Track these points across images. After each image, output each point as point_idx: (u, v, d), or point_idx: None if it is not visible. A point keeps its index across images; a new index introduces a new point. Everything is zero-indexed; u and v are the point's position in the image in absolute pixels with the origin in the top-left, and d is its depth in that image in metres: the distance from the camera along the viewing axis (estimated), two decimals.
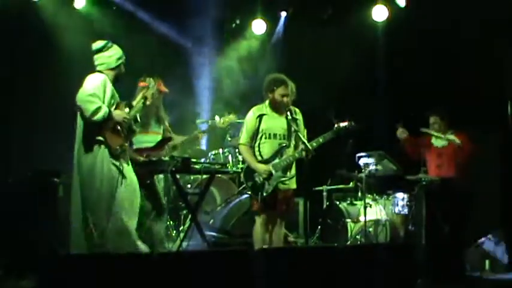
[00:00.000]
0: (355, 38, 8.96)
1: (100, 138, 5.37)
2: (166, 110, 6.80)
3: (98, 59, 5.59)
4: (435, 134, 7.21)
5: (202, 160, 7.45)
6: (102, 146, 5.37)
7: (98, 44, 5.64)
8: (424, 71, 8.55)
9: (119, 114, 5.47)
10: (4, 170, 7.61)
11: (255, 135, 6.18)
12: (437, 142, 7.28)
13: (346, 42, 8.92)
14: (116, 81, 5.60)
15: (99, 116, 5.27)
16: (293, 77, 6.27)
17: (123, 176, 5.44)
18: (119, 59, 5.63)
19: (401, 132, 7.30)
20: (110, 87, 5.48)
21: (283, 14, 9.78)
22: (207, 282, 4.09)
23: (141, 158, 6.26)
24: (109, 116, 5.34)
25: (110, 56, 5.59)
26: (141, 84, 6.26)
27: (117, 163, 5.43)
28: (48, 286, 3.84)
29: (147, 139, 6.49)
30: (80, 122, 5.42)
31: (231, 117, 7.28)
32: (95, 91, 5.33)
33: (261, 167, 6.05)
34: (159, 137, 6.57)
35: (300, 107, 6.31)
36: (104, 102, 5.35)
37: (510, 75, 7.78)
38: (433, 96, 8.27)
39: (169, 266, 4.08)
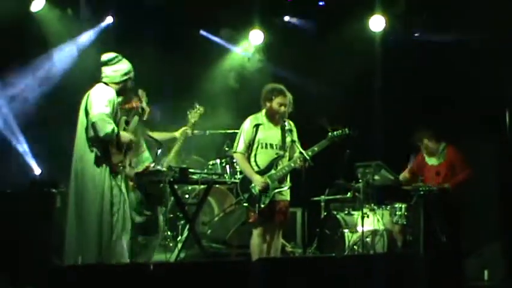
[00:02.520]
0: (352, 48, 8.98)
1: (103, 153, 5.35)
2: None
3: (104, 71, 5.53)
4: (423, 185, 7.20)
5: (200, 170, 7.43)
6: (105, 162, 5.35)
7: (106, 56, 5.59)
8: (421, 79, 8.57)
9: (125, 136, 5.47)
10: (3, 180, 7.59)
11: (251, 145, 6.18)
12: (432, 161, 7.29)
13: (343, 52, 8.94)
14: (118, 96, 5.51)
15: (111, 138, 5.29)
16: (290, 87, 6.28)
17: (121, 193, 5.44)
18: (125, 74, 5.56)
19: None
20: (116, 103, 5.45)
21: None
22: None
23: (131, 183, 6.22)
24: (117, 136, 5.35)
25: (115, 70, 5.52)
26: (134, 104, 6.08)
27: (117, 179, 5.42)
28: None
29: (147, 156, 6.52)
30: (81, 134, 5.39)
31: (200, 109, 7.35)
32: (110, 110, 5.31)
33: (258, 178, 6.04)
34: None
35: (295, 117, 6.31)
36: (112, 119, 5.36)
37: (507, 83, 7.80)
38: (430, 105, 8.29)
39: (166, 276, 4.07)
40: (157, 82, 6.75)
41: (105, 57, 5.60)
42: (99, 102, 5.31)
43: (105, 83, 5.50)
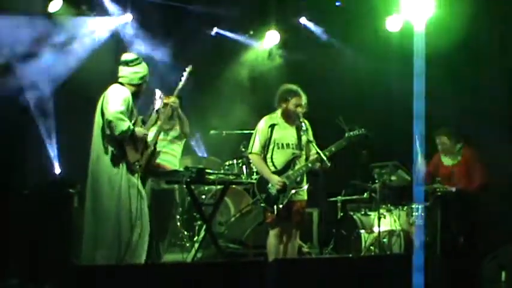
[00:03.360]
0: (370, 48, 8.97)
1: (119, 152, 5.38)
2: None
3: (122, 71, 5.56)
4: (441, 186, 7.13)
5: (217, 171, 7.45)
6: (122, 160, 5.38)
7: (127, 57, 5.62)
8: (438, 78, 8.52)
9: (140, 131, 5.50)
10: (20, 180, 7.66)
11: (267, 145, 6.19)
12: (447, 161, 7.24)
13: (361, 52, 8.93)
14: (132, 98, 5.54)
15: (127, 135, 5.33)
16: (306, 87, 6.29)
17: (139, 191, 5.47)
18: (142, 77, 5.59)
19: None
20: (131, 103, 5.48)
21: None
22: None
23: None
24: (132, 134, 5.38)
25: (135, 72, 5.55)
26: (166, 100, 6.21)
27: (134, 178, 5.45)
28: None
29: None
30: (98, 134, 5.43)
31: (170, 99, 6.97)
32: (124, 108, 5.35)
33: (275, 178, 6.04)
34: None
35: (313, 118, 6.32)
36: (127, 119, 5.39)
37: None
38: (446, 102, 8.23)
39: (183, 276, 4.09)
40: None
41: (126, 57, 5.63)
42: (114, 101, 5.34)
43: (121, 83, 5.53)
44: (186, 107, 6.75)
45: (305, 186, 6.16)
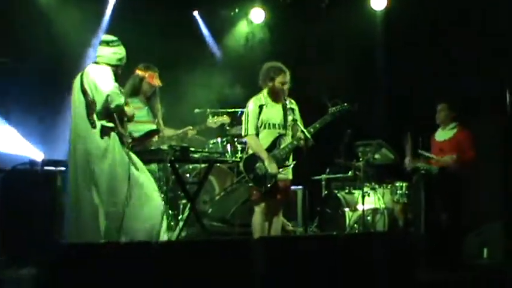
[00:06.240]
0: (354, 26, 8.95)
1: (111, 124, 5.40)
2: (162, 102, 6.77)
3: (102, 50, 5.56)
4: (429, 156, 7.12)
5: (201, 149, 7.43)
6: (113, 133, 5.39)
7: (107, 37, 5.64)
8: (423, 58, 8.54)
9: (129, 109, 5.56)
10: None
11: (258, 125, 6.17)
12: (440, 136, 7.24)
13: (345, 30, 8.91)
14: None
15: (121, 110, 5.40)
16: (291, 65, 6.26)
17: (134, 162, 5.48)
18: (120, 59, 5.59)
19: (409, 164, 7.28)
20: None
21: None
22: (206, 271, 4.09)
23: None
24: (123, 110, 5.44)
25: (114, 52, 5.55)
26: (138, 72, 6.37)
27: (126, 149, 5.47)
28: (49, 275, 3.84)
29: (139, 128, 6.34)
30: (81, 110, 5.38)
31: (224, 119, 7.25)
32: (117, 84, 5.42)
33: (274, 167, 6.00)
34: (150, 126, 6.47)
35: (296, 95, 6.30)
36: None
37: (509, 63, 7.77)
38: (432, 84, 8.26)
39: (168, 255, 4.09)
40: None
41: (107, 37, 5.65)
42: (106, 79, 5.39)
43: (97, 63, 5.53)
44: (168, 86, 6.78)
45: (291, 165, 6.17)
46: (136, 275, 3.91)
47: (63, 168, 6.37)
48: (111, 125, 5.40)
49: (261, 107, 6.17)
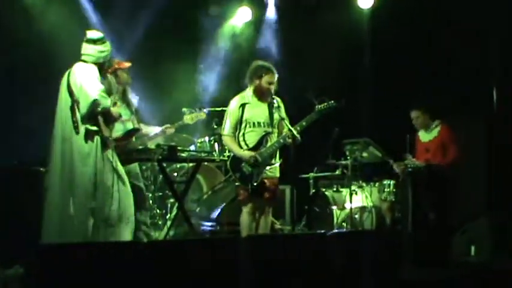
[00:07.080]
0: (341, 24, 8.95)
1: (95, 127, 5.33)
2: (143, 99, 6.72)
3: (88, 49, 5.46)
4: (411, 162, 7.15)
5: (189, 148, 7.41)
6: (96, 136, 5.32)
7: (93, 34, 5.52)
8: (410, 57, 8.57)
9: (116, 111, 5.48)
10: None
11: (238, 125, 6.17)
12: (424, 137, 7.28)
13: (332, 28, 8.92)
14: None
15: (107, 111, 5.32)
16: (278, 63, 6.26)
17: (114, 167, 5.42)
18: (106, 57, 5.53)
19: (397, 167, 7.31)
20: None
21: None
22: (194, 270, 4.08)
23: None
24: (109, 111, 5.37)
25: (101, 51, 5.46)
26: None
27: (108, 153, 5.40)
28: (35, 275, 3.81)
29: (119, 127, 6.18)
30: (66, 110, 5.34)
31: (201, 115, 7.18)
32: (102, 85, 5.34)
33: (246, 154, 6.04)
34: (129, 125, 6.36)
35: (283, 94, 6.30)
36: None
37: (495, 62, 7.81)
38: (419, 82, 8.28)
39: (156, 254, 4.07)
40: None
41: (93, 34, 5.53)
42: (92, 81, 5.31)
43: (84, 61, 5.45)
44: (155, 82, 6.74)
45: (277, 163, 6.17)
46: (123, 275, 3.89)
47: (48, 168, 6.35)
48: (95, 128, 5.33)
49: (243, 105, 6.17)
